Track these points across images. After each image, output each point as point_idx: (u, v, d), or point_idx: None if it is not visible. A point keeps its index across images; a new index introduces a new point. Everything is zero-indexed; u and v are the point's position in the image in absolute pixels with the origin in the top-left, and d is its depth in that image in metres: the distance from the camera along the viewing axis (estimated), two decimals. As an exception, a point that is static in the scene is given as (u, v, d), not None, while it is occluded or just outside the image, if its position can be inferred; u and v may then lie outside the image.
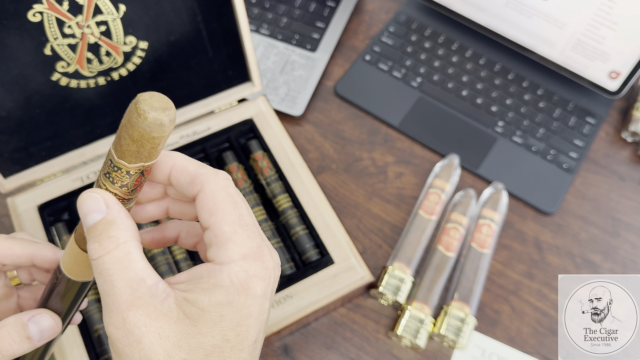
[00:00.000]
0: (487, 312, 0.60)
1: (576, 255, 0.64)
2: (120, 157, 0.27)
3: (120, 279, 0.26)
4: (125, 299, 0.26)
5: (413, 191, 0.67)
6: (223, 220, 0.28)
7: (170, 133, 0.27)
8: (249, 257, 0.28)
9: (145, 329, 0.26)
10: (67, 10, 0.47)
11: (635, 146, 0.72)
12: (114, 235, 0.27)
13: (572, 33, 0.70)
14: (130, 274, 0.26)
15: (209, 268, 0.28)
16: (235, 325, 0.27)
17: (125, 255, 0.27)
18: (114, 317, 0.26)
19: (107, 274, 0.26)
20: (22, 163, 0.56)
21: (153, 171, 0.30)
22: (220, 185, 0.29)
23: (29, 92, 0.51)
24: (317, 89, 0.74)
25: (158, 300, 0.26)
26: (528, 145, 0.70)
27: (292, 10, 0.79)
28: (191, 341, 0.26)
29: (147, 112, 0.26)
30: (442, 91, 0.74)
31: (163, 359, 0.26)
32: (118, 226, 0.27)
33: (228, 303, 0.27)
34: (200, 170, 0.29)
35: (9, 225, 0.63)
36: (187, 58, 0.57)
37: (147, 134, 0.26)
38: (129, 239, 0.27)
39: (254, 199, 0.59)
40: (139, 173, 0.28)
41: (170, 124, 0.26)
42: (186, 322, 0.26)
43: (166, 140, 0.27)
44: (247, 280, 0.27)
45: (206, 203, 0.28)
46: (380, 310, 0.60)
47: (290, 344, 0.57)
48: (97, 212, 0.27)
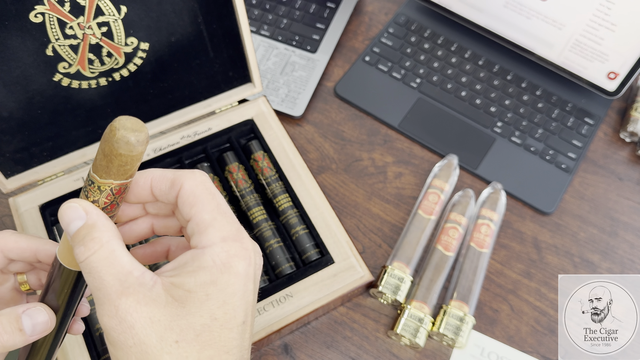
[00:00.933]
0: (486, 311, 0.60)
1: (575, 255, 0.64)
2: (94, 171, 0.29)
3: (108, 274, 0.28)
4: (115, 289, 0.27)
5: (412, 191, 0.67)
6: (203, 209, 0.30)
7: (139, 156, 0.29)
8: (229, 239, 0.30)
9: (137, 315, 0.27)
10: (68, 11, 0.47)
11: (633, 146, 0.72)
12: (97, 236, 0.28)
13: (570, 34, 0.70)
14: (117, 268, 0.28)
15: (192, 253, 0.29)
16: (221, 303, 0.28)
17: (110, 252, 0.28)
18: (106, 307, 0.27)
19: (96, 272, 0.28)
20: (23, 163, 0.57)
21: (135, 189, 0.32)
22: (198, 180, 0.31)
23: (30, 93, 0.51)
24: (317, 89, 0.74)
25: (146, 288, 0.28)
26: (527, 146, 0.70)
27: (292, 11, 0.79)
28: (181, 322, 0.27)
29: (118, 129, 0.28)
30: (441, 92, 0.74)
31: (156, 342, 0.27)
32: (99, 228, 0.29)
33: (212, 282, 0.28)
34: (178, 172, 0.31)
35: (10, 225, 0.63)
36: (188, 59, 0.57)
37: (115, 150, 0.28)
38: (112, 238, 0.29)
39: (255, 199, 0.59)
40: (108, 190, 0.29)
41: (137, 144, 0.28)
42: (175, 305, 0.28)
43: (136, 163, 0.29)
44: (228, 260, 0.29)
45: (186, 198, 0.30)
46: (379, 309, 0.60)
47: (290, 342, 0.58)
48: (78, 219, 0.29)
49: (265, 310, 0.53)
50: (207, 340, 0.28)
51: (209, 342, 0.28)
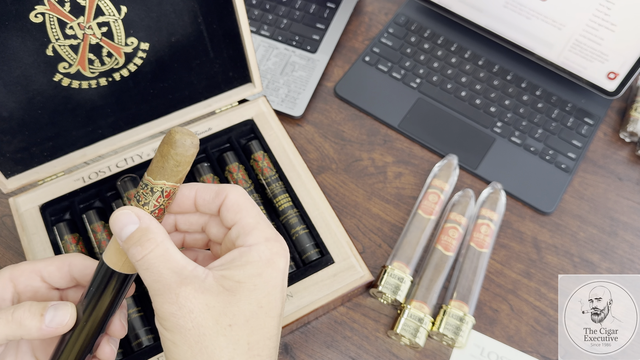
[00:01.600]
0: (486, 311, 0.61)
1: (574, 255, 0.64)
2: (149, 174, 0.34)
3: (166, 268, 0.31)
4: (174, 279, 0.31)
5: (412, 191, 0.67)
6: (247, 215, 0.35)
7: (190, 158, 0.34)
8: (271, 239, 0.34)
9: (196, 301, 0.31)
10: (68, 12, 0.47)
11: (633, 146, 0.72)
12: (152, 237, 0.32)
13: (570, 34, 0.71)
14: (173, 263, 0.32)
15: (240, 251, 0.34)
16: (266, 294, 0.33)
17: (165, 250, 0.32)
18: (166, 295, 0.31)
19: (154, 267, 0.31)
20: (24, 163, 0.57)
21: (180, 198, 0.36)
22: (240, 192, 0.36)
23: (31, 93, 0.51)
24: (317, 89, 0.74)
25: (200, 279, 0.32)
26: (526, 146, 0.70)
27: (292, 11, 0.79)
28: (233, 309, 0.32)
29: (177, 132, 0.33)
30: (441, 92, 0.74)
31: (212, 325, 0.31)
32: (153, 230, 0.32)
33: (259, 275, 0.33)
34: (221, 185, 0.36)
35: (11, 225, 0.63)
36: (188, 59, 0.57)
37: (173, 150, 0.33)
38: (165, 238, 0.32)
39: (255, 198, 0.60)
40: (159, 192, 0.34)
41: (191, 146, 0.33)
42: (227, 294, 0.32)
43: (187, 166, 0.34)
44: (272, 256, 0.34)
45: (231, 205, 0.35)
46: (379, 309, 0.60)
47: (290, 342, 0.58)
48: (131, 224, 0.32)
49: (265, 310, 0.53)
50: (255, 325, 0.32)
51: (256, 327, 0.32)
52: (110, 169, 0.60)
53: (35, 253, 0.55)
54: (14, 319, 0.33)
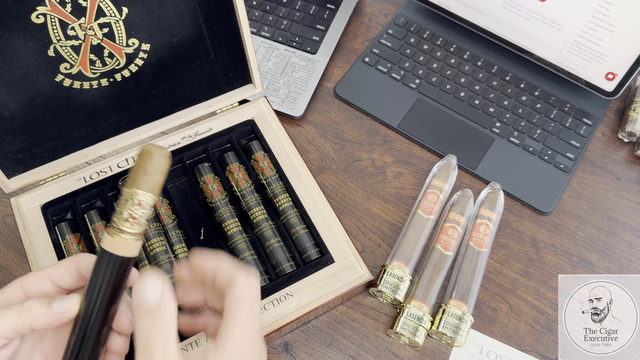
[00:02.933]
0: (485, 310, 0.61)
1: (573, 255, 0.64)
2: (124, 185, 0.36)
3: (159, 353, 0.33)
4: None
5: (411, 191, 0.68)
6: (241, 318, 0.36)
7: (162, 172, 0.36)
8: (245, 351, 0.36)
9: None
10: (70, 12, 0.48)
11: (631, 146, 0.72)
12: (163, 321, 0.34)
13: (569, 35, 0.71)
14: (166, 352, 0.33)
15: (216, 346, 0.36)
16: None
17: (167, 340, 0.34)
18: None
19: (150, 347, 0.33)
20: (25, 163, 0.57)
21: (201, 269, 0.38)
22: (249, 287, 0.37)
23: (32, 93, 0.52)
24: (317, 90, 0.75)
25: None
26: (525, 146, 0.71)
27: (292, 12, 0.79)
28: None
29: (148, 145, 0.35)
30: (440, 92, 0.75)
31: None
32: (166, 314, 0.34)
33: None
34: (235, 270, 0.37)
35: (12, 225, 0.64)
36: (189, 60, 0.58)
37: (146, 152, 0.35)
38: (172, 328, 0.34)
39: (255, 198, 0.60)
40: (130, 199, 0.35)
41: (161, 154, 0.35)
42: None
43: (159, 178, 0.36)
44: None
45: (232, 299, 0.37)
46: (379, 308, 0.60)
47: (290, 341, 0.58)
48: (155, 290, 0.34)
49: (265, 310, 0.53)
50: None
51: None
52: (112, 169, 0.60)
53: (36, 253, 0.55)
54: (24, 307, 0.35)
